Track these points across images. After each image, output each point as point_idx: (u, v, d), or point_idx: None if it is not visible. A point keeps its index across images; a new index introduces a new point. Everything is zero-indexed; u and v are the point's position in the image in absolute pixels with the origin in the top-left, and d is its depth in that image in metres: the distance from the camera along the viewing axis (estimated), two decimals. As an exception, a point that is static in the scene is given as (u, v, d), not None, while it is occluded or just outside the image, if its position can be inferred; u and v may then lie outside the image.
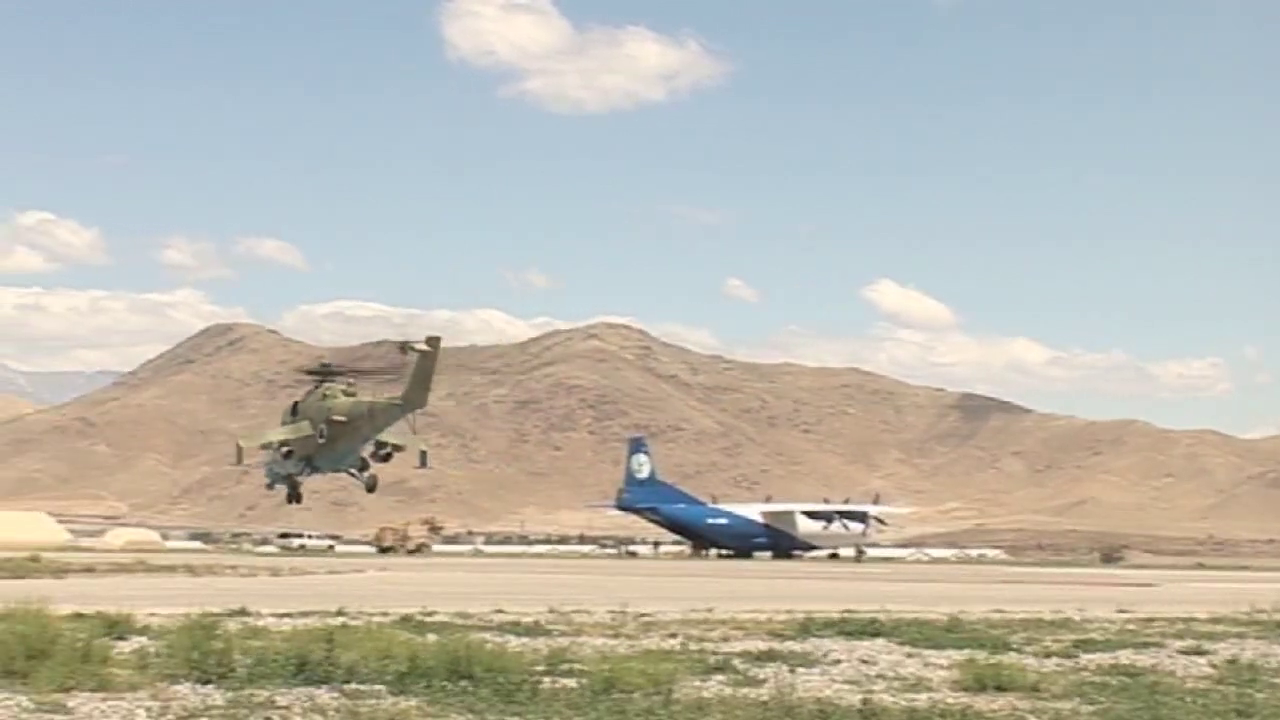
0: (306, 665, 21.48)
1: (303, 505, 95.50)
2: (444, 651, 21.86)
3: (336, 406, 74.44)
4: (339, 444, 75.02)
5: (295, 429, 76.01)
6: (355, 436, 75.00)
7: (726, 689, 21.60)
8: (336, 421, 74.07)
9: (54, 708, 18.29)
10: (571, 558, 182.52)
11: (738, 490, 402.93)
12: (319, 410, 74.90)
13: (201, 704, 18.88)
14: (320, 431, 74.73)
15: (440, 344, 76.33)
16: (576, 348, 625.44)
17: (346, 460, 76.80)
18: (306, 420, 75.45)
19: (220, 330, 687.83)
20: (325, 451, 75.43)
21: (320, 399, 75.70)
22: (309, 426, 75.14)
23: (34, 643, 21.44)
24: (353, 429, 74.32)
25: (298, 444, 75.72)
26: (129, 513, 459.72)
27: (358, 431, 74.86)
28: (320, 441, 75.11)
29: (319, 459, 76.24)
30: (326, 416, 74.23)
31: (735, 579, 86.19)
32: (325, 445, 75.08)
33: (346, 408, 74.31)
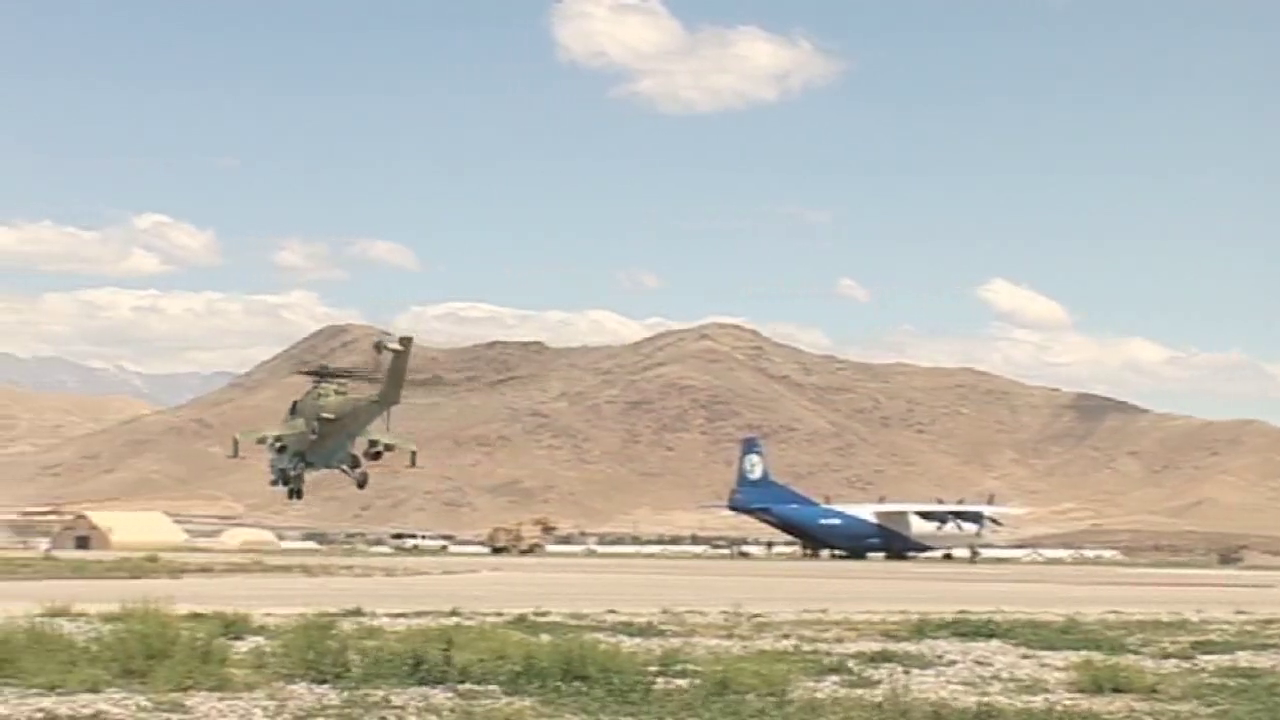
0: (421, 665, 21.55)
1: (417, 507, 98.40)
2: (558, 652, 21.86)
3: (327, 405, 77.13)
4: (329, 440, 77.81)
5: (290, 426, 79.07)
6: (344, 433, 77.60)
7: (841, 690, 21.50)
8: (326, 419, 76.79)
9: (172, 707, 18.43)
10: (684, 558, 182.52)
11: (851, 491, 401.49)
12: (312, 408, 77.67)
13: (317, 703, 18.98)
14: (313, 429, 77.54)
15: (412, 344, 78.42)
16: (688, 348, 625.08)
17: (337, 456, 79.48)
18: (302, 418, 78.23)
19: (334, 331, 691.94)
20: (317, 447, 78.28)
21: (315, 398, 78.53)
22: (303, 424, 77.96)
23: (153, 643, 21.62)
24: (341, 426, 76.98)
25: (292, 440, 78.58)
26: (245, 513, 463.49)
27: (345, 428, 77.43)
28: (313, 438, 77.99)
29: (312, 455, 78.91)
30: (318, 414, 76.96)
31: (848, 580, 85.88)
32: (317, 441, 77.96)
33: (335, 405, 76.93)
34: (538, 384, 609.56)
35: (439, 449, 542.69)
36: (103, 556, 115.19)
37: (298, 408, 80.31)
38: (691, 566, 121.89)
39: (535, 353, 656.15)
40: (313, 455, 79.21)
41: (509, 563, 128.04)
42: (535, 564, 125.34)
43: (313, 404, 78.43)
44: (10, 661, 20.62)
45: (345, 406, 77.47)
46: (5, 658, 20.75)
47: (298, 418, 79.24)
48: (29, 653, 21.09)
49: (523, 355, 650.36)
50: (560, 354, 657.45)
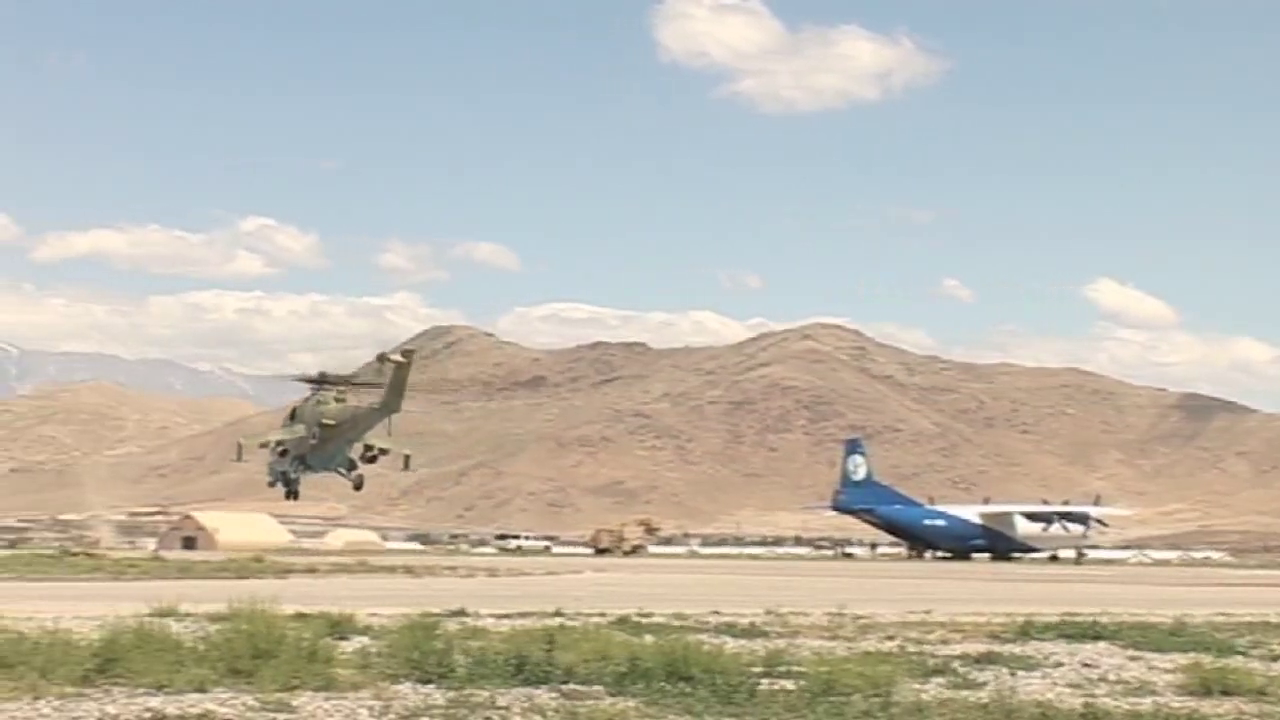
0: (525, 665, 21.57)
1: (520, 508, 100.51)
2: (662, 652, 21.84)
3: (327, 411, 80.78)
4: (329, 445, 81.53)
5: (291, 431, 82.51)
6: (343, 438, 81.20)
7: (946, 691, 21.38)
8: (327, 425, 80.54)
9: (279, 706, 18.53)
10: (787, 559, 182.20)
11: (955, 491, 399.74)
12: (313, 414, 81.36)
13: (422, 703, 19.04)
14: (313, 434, 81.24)
15: (414, 356, 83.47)
16: (791, 348, 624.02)
17: (336, 460, 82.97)
18: (302, 424, 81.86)
19: (437, 333, 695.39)
20: (317, 452, 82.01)
21: (315, 405, 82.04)
22: (304, 429, 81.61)
23: (260, 642, 21.75)
24: (340, 432, 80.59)
25: (293, 444, 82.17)
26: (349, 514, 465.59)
27: (345, 434, 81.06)
28: (313, 443, 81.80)
29: (311, 458, 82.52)
30: (319, 420, 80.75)
31: (953, 581, 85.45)
32: (317, 446, 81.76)
33: (335, 412, 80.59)
34: (640, 385, 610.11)
35: (542, 450, 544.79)
36: (209, 557, 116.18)
37: (297, 413, 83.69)
38: (795, 568, 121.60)
39: (638, 353, 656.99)
40: (312, 459, 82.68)
41: (612, 563, 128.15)
42: (638, 565, 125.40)
43: (313, 410, 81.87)
44: (119, 661, 20.79)
45: (345, 413, 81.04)
46: (114, 657, 20.92)
47: (298, 423, 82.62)
48: (137, 652, 21.25)
49: (626, 356, 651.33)
50: (663, 354, 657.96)
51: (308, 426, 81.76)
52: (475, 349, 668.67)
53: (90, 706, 18.27)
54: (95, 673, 20.28)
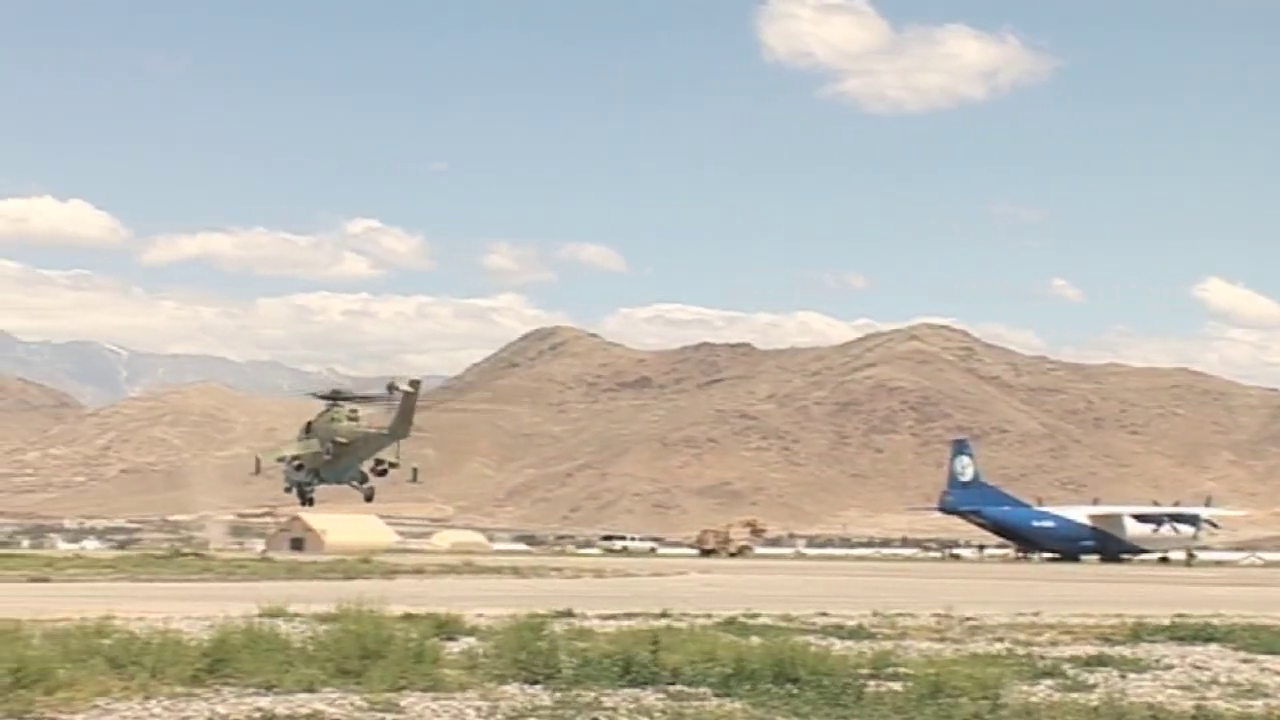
0: (632, 667, 21.56)
1: (626, 509, 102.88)
2: (768, 654, 21.79)
3: (340, 430, 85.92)
4: (341, 461, 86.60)
5: (306, 446, 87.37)
6: (354, 456, 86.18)
7: (1055, 694, 21.23)
8: (340, 442, 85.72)
9: (387, 707, 18.62)
10: (894, 560, 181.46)
11: (1063, 493, 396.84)
12: (327, 432, 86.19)
13: (529, 704, 19.07)
14: (327, 449, 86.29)
15: (420, 386, 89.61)
16: (897, 349, 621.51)
17: (348, 474, 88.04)
18: (316, 439, 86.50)
19: (543, 334, 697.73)
20: (330, 466, 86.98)
21: (329, 422, 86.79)
22: (318, 444, 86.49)
23: (367, 643, 21.86)
24: (352, 449, 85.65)
25: (308, 458, 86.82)
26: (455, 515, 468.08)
27: (356, 452, 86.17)
28: (326, 458, 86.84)
29: (325, 472, 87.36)
30: (332, 437, 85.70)
31: (1062, 583, 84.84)
32: (330, 461, 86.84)
33: (348, 431, 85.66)
34: (746, 386, 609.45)
35: (648, 451, 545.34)
36: (317, 558, 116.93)
37: (312, 428, 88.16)
38: (902, 569, 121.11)
39: (743, 354, 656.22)
40: (326, 472, 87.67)
41: (718, 565, 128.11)
42: (744, 566, 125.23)
43: (327, 427, 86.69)
44: (229, 661, 20.95)
45: (357, 433, 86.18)
46: (224, 657, 21.08)
47: (312, 438, 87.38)
48: (247, 652, 21.41)
49: (731, 357, 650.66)
50: (768, 355, 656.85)
51: (322, 442, 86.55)
52: (581, 350, 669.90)
53: (200, 706, 18.42)
54: (205, 673, 20.44)
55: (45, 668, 18.88)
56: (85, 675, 19.33)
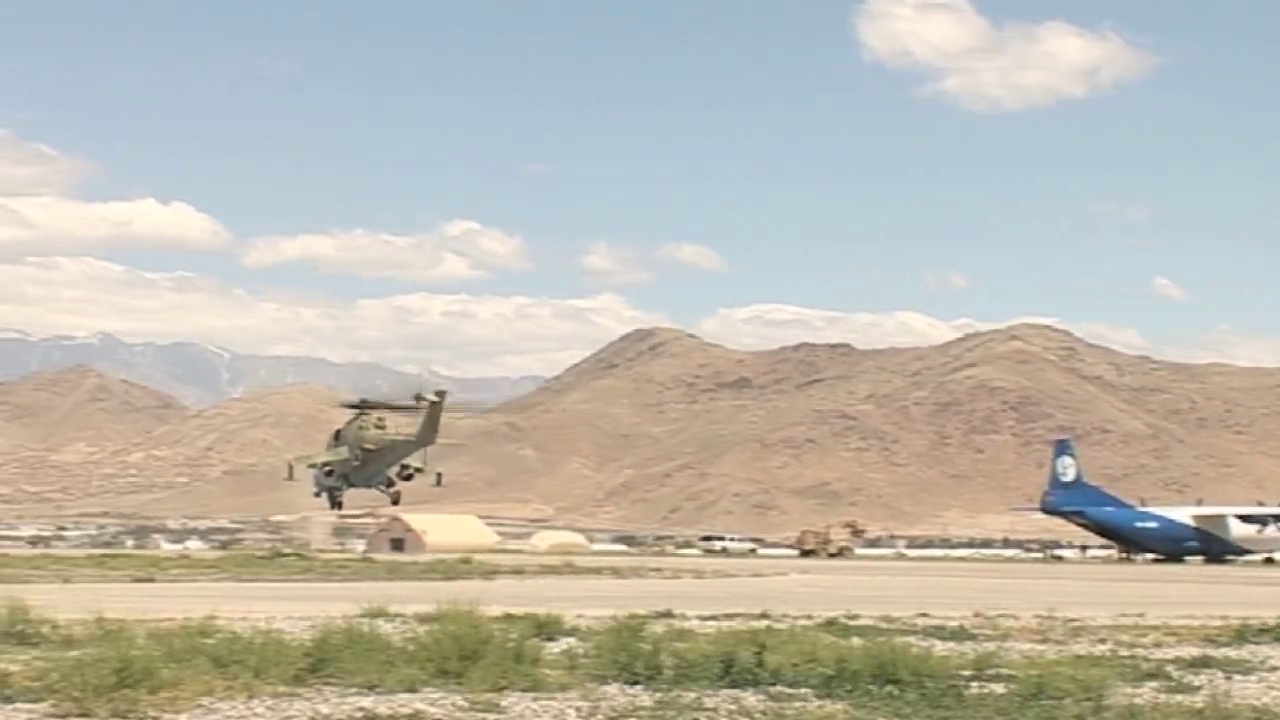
0: (732, 667, 21.51)
1: (725, 509, 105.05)
2: (869, 655, 21.68)
3: (368, 437, 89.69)
4: (369, 467, 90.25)
5: (336, 453, 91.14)
6: (382, 462, 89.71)
7: (1160, 696, 21.01)
8: (368, 449, 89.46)
9: (487, 707, 18.64)
10: (995, 561, 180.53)
11: (1167, 493, 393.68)
12: (356, 439, 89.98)
13: (630, 705, 19.05)
14: (355, 456, 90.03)
15: (446, 396, 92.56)
16: (998, 349, 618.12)
17: (376, 479, 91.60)
18: (345, 446, 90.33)
19: (641, 335, 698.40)
20: (359, 472, 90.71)
21: (357, 430, 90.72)
22: (347, 451, 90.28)
23: (468, 643, 21.90)
24: (380, 456, 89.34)
25: (338, 465, 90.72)
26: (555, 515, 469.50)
27: (384, 458, 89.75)
28: (355, 464, 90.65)
29: (354, 477, 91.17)
30: (361, 444, 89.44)
31: (1166, 584, 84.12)
32: (359, 467, 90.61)
33: (375, 438, 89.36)
34: (845, 386, 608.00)
35: (747, 452, 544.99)
36: (417, 558, 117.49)
37: (341, 436, 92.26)
38: (1003, 570, 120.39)
39: (843, 354, 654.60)
40: (355, 477, 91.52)
41: (818, 565, 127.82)
42: (844, 567, 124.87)
43: (356, 434, 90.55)
44: (330, 661, 21.05)
45: (385, 440, 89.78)
46: (325, 657, 21.18)
47: (342, 445, 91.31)
48: (348, 652, 21.50)
49: (830, 357, 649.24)
50: (868, 355, 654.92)
51: (351, 449, 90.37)
52: (680, 351, 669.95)
53: (303, 706, 18.51)
54: (307, 672, 20.54)
55: (149, 667, 19.00)
56: (189, 675, 19.45)
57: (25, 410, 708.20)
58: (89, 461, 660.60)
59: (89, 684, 18.24)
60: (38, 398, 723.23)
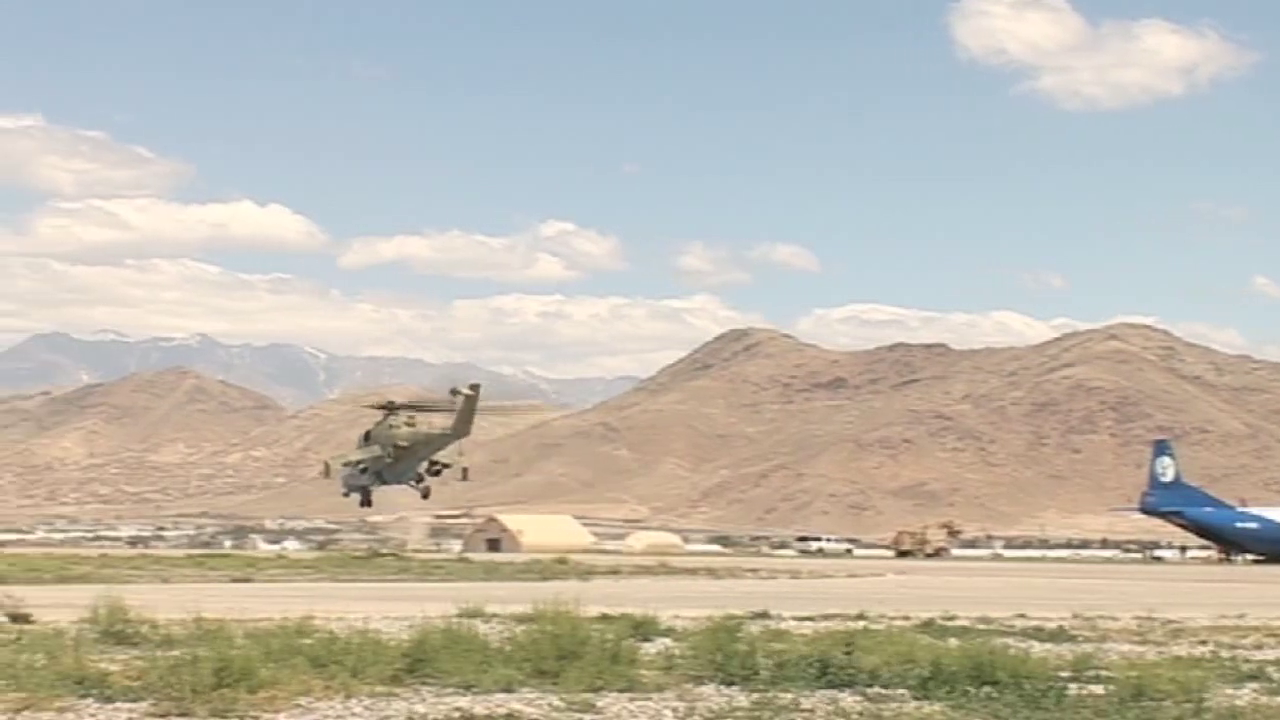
0: (829, 668, 21.47)
1: (820, 510, 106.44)
2: (967, 656, 21.58)
3: (401, 435, 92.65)
4: (402, 463, 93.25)
5: (369, 451, 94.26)
6: (414, 458, 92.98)
7: (1261, 697, 20.84)
8: (401, 446, 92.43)
9: (584, 707, 18.67)
10: (1093, 562, 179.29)
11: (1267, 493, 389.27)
12: (387, 438, 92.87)
13: (726, 705, 19.03)
14: (388, 453, 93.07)
15: (480, 390, 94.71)
16: (1095, 349, 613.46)
17: (407, 475, 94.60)
18: (377, 445, 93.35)
19: (736, 335, 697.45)
20: (391, 468, 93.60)
21: (388, 429, 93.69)
22: (379, 449, 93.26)
23: (564, 643, 21.94)
24: (412, 452, 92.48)
25: (370, 463, 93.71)
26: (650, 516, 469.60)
27: (417, 453, 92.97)
28: (388, 461, 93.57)
29: (387, 474, 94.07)
30: (393, 442, 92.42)
31: (1266, 585, 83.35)
32: (391, 464, 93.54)
33: (407, 435, 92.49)
34: (941, 386, 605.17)
35: (843, 452, 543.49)
36: (513, 558, 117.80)
37: (371, 436, 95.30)
38: (1102, 570, 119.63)
39: (939, 354, 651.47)
40: (388, 474, 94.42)
41: (914, 566, 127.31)
42: (941, 568, 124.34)
43: (387, 433, 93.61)
44: (427, 661, 21.14)
45: (417, 436, 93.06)
46: (423, 657, 21.27)
47: (373, 444, 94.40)
48: (445, 652, 21.59)
49: (926, 357, 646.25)
50: (964, 356, 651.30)
51: (383, 447, 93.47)
52: (775, 351, 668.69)
53: (400, 706, 18.59)
54: (405, 672, 20.64)
55: (248, 667, 19.14)
56: (287, 674, 19.58)
57: (124, 411, 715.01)
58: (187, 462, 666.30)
59: (188, 684, 18.39)
60: (137, 399, 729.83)
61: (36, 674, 19.66)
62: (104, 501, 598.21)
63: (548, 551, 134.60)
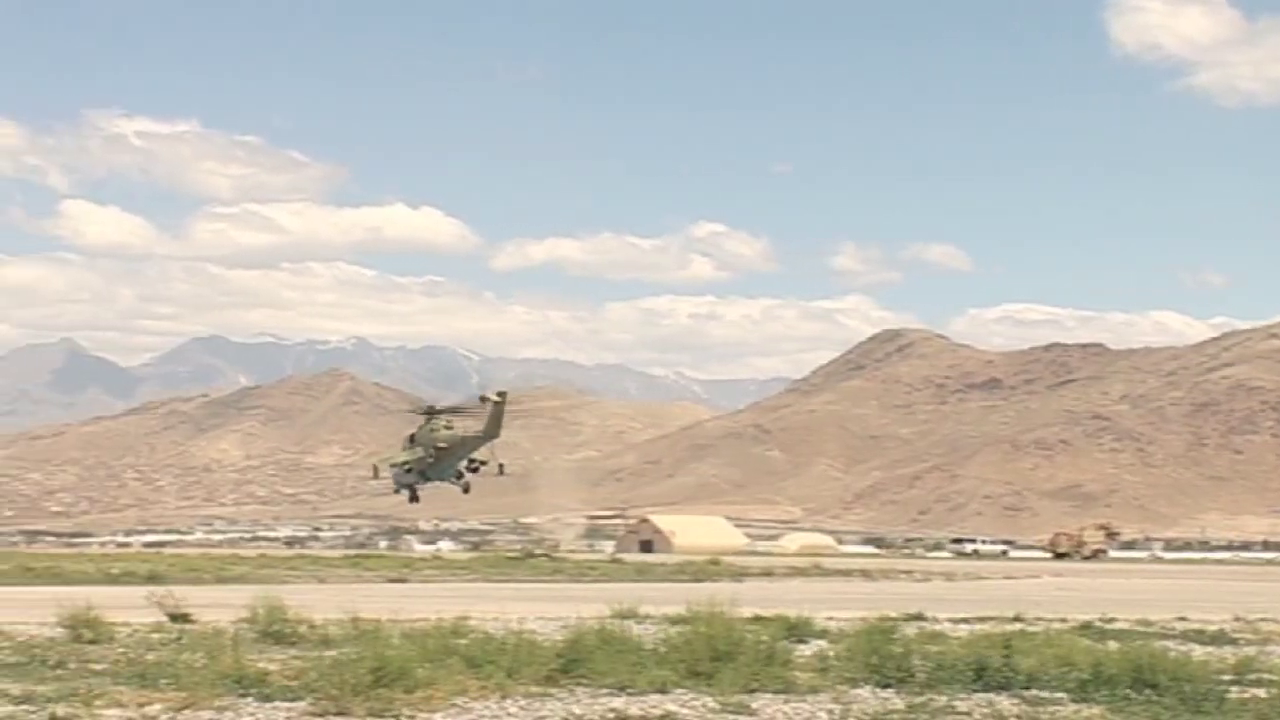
0: (985, 671, 21.29)
1: (975, 511, 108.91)
2: (1126, 659, 21.31)
3: (440, 437, 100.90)
4: (442, 462, 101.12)
5: (413, 453, 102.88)
6: (453, 457, 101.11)
7: None
8: (440, 447, 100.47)
9: (738, 708, 18.62)
10: (1255, 565, 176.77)
11: None
12: (429, 440, 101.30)
13: (882, 708, 18.93)
14: (429, 454, 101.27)
15: (507, 396, 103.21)
16: (1257, 348, 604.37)
17: (448, 473, 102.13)
18: (420, 447, 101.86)
19: (889, 336, 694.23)
20: (434, 467, 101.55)
21: (429, 432, 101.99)
22: (422, 451, 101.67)
23: (718, 645, 21.90)
24: (451, 452, 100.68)
25: (415, 463, 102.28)
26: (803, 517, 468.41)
27: (454, 454, 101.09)
28: (430, 461, 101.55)
29: (430, 472, 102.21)
30: (434, 444, 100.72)
31: None
32: (433, 464, 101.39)
33: (447, 437, 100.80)
34: (1098, 386, 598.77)
35: (998, 453, 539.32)
36: (666, 560, 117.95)
37: (415, 439, 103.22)
38: (1264, 573, 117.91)
39: (1095, 354, 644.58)
40: (431, 473, 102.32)
41: (1071, 568, 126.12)
42: (1098, 569, 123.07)
43: (428, 436, 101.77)
44: (582, 662, 21.17)
45: (455, 438, 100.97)
46: (577, 658, 21.31)
47: (417, 446, 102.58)
48: (599, 653, 21.61)
49: (1082, 357, 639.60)
50: (1121, 355, 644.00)
51: (425, 449, 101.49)
52: (928, 351, 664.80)
53: (555, 706, 18.64)
54: (559, 673, 20.69)
55: (405, 667, 19.27)
56: (443, 674, 19.69)
57: (281, 414, 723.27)
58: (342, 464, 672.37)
59: (346, 683, 18.54)
60: (293, 401, 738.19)
61: (196, 673, 19.91)
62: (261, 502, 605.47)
63: (700, 553, 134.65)
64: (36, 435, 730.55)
